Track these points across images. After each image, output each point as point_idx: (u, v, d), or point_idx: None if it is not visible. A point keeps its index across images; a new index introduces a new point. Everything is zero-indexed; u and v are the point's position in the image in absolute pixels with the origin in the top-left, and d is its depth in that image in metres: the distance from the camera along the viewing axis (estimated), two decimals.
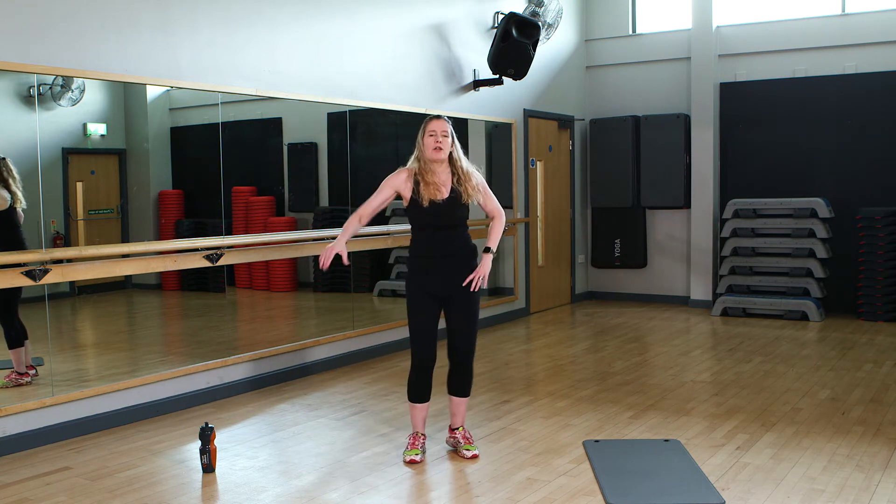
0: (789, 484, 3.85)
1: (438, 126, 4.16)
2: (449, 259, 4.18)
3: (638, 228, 9.95)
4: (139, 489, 3.89)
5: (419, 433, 4.35)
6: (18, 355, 4.98)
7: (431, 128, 4.17)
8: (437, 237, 4.18)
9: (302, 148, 7.42)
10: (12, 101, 5.07)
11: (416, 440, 4.32)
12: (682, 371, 6.28)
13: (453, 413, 4.38)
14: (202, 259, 5.40)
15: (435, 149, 4.13)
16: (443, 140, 4.14)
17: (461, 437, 4.35)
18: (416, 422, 4.36)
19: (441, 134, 4.14)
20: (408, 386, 4.34)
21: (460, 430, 4.37)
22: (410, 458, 4.22)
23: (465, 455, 4.26)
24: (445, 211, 4.14)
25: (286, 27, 6.08)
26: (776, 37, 9.10)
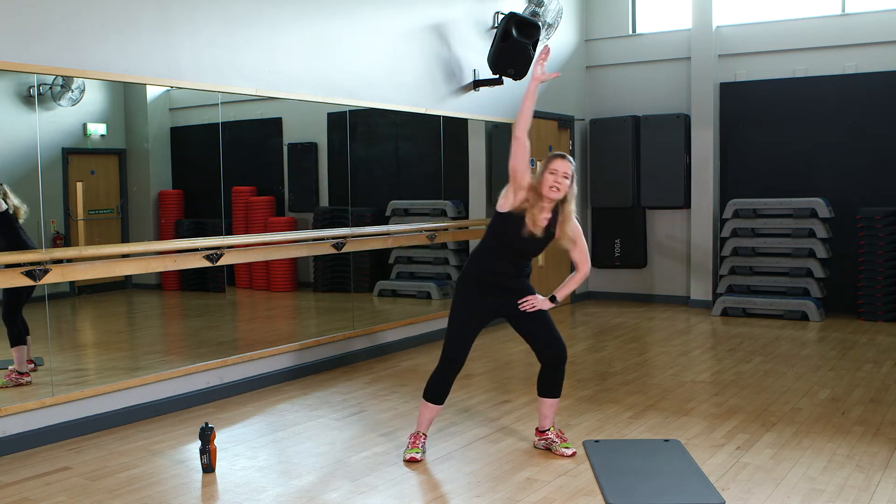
0: (789, 484, 3.85)
1: (561, 167, 4.12)
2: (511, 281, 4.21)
3: (638, 228, 9.95)
4: (139, 489, 3.89)
5: (421, 433, 4.35)
6: (21, 353, 4.99)
7: (554, 166, 4.12)
8: (510, 259, 4.19)
9: (302, 148, 7.42)
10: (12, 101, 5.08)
11: (417, 439, 4.32)
12: (682, 371, 6.28)
13: (545, 415, 4.38)
14: (202, 259, 5.40)
15: (552, 188, 4.09)
16: (562, 182, 4.10)
17: (554, 436, 4.36)
18: (422, 421, 4.35)
19: (562, 175, 4.11)
20: (428, 384, 4.31)
21: (552, 429, 4.38)
22: (411, 457, 4.22)
23: (565, 453, 4.27)
24: (531, 244, 4.14)
25: (286, 27, 6.08)
26: (776, 37, 9.10)
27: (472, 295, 4.22)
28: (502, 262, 4.19)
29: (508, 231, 4.13)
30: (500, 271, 4.19)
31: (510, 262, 4.19)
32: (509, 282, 4.21)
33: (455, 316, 4.24)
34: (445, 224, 7.86)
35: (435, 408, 4.32)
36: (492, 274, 4.20)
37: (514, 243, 4.14)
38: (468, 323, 4.21)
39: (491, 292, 4.21)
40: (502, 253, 4.18)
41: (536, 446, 4.42)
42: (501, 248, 4.18)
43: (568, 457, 4.26)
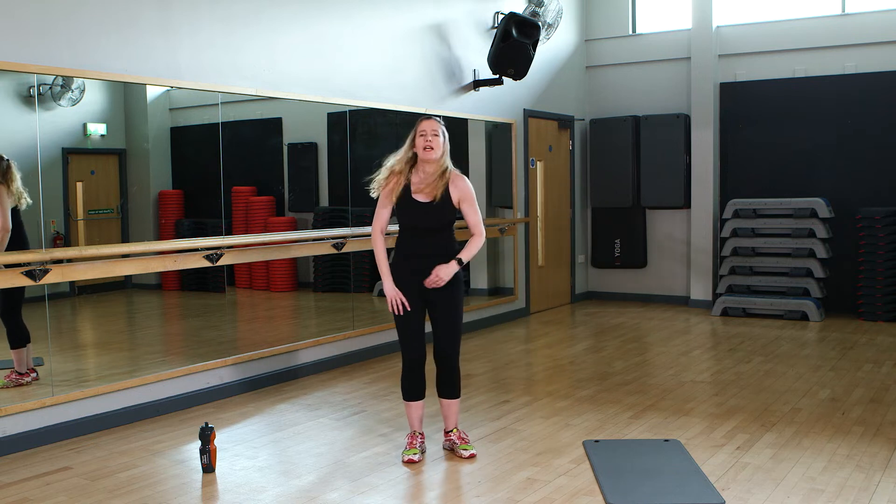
0: (789, 484, 3.85)
1: (429, 126, 4.15)
2: (431, 261, 4.16)
3: (638, 228, 9.95)
4: (139, 489, 3.89)
5: (416, 432, 4.35)
6: (20, 355, 4.99)
7: (422, 128, 4.16)
8: (421, 239, 4.19)
9: (302, 148, 7.42)
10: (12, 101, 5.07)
11: (413, 439, 4.33)
12: (682, 371, 6.28)
13: (445, 416, 4.38)
14: (202, 259, 5.40)
15: (425, 148, 4.12)
16: (433, 139, 4.12)
17: (456, 438, 4.35)
18: (412, 420, 4.36)
19: (431, 133, 4.13)
20: (401, 385, 4.34)
21: (454, 431, 4.37)
22: (409, 458, 4.23)
23: (463, 455, 4.26)
24: (428, 214, 4.15)
25: (286, 27, 6.08)
26: (776, 37, 9.10)
27: (398, 284, 4.20)
28: (414, 244, 4.19)
29: (403, 211, 4.17)
30: (416, 252, 4.19)
31: (421, 242, 4.18)
32: (428, 262, 4.16)
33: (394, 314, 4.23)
34: None
35: (417, 404, 4.33)
36: (407, 258, 4.20)
37: (412, 219, 4.17)
38: (407, 314, 4.19)
39: (414, 275, 4.18)
40: (409, 234, 4.21)
41: (443, 447, 4.42)
42: (405, 230, 4.22)
43: (466, 459, 4.24)
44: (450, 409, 4.35)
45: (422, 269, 4.17)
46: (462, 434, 4.37)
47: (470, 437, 4.53)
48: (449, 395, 4.32)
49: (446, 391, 4.32)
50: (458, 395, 4.35)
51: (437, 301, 4.21)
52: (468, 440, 4.37)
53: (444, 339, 4.24)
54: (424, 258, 4.17)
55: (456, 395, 4.33)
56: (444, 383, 4.31)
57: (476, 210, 4.28)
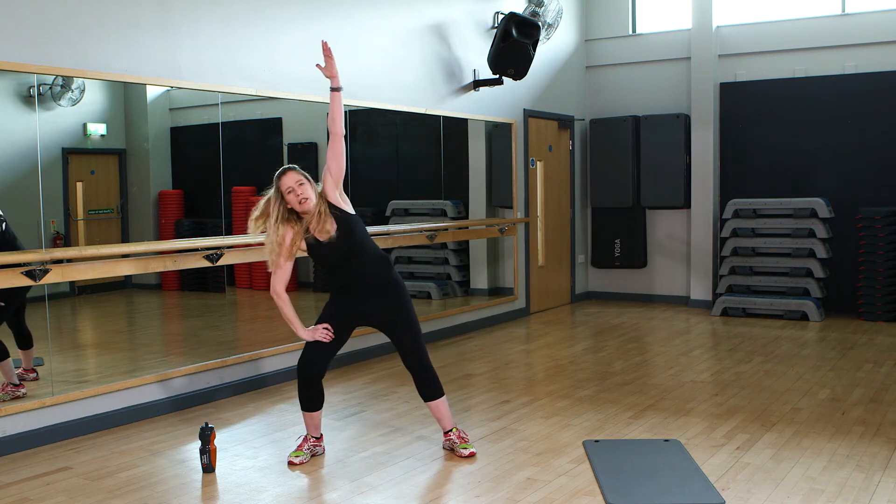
0: (789, 484, 3.85)
1: (291, 179, 4.03)
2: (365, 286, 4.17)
3: (638, 228, 9.95)
4: (139, 489, 3.89)
5: (310, 436, 4.33)
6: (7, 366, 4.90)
7: (286, 185, 4.02)
8: (345, 269, 4.16)
9: (302, 148, 7.42)
10: (12, 101, 5.07)
11: (305, 442, 4.31)
12: (682, 371, 6.28)
13: (438, 418, 4.37)
14: (202, 259, 5.40)
15: (301, 202, 4.02)
16: (301, 189, 4.02)
17: (456, 437, 4.34)
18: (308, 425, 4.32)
19: (297, 184, 4.02)
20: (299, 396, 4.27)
21: (454, 430, 4.36)
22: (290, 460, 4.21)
23: (463, 454, 4.26)
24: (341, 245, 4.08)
25: (286, 27, 6.09)
26: (776, 37, 9.10)
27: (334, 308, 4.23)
28: (344, 273, 4.17)
29: (319, 253, 4.14)
30: (346, 283, 4.19)
31: (348, 271, 4.16)
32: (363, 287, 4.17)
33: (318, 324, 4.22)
34: (445, 224, 7.86)
35: (315, 414, 4.29)
36: (346, 288, 4.21)
37: (324, 259, 4.16)
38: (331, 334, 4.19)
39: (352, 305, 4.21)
40: (338, 268, 4.18)
41: (444, 447, 4.41)
42: (332, 266, 4.19)
43: (466, 457, 4.24)
44: (438, 410, 4.33)
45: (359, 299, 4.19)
46: (461, 433, 4.37)
47: (470, 436, 4.52)
48: (431, 397, 4.29)
49: (427, 393, 4.29)
50: (440, 395, 4.31)
51: (386, 318, 4.23)
52: (468, 439, 4.37)
53: (407, 345, 4.23)
54: (359, 286, 4.17)
55: (438, 395, 4.30)
56: (422, 386, 4.29)
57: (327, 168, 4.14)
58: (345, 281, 4.20)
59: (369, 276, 4.17)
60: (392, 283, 4.22)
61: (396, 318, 4.22)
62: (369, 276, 4.17)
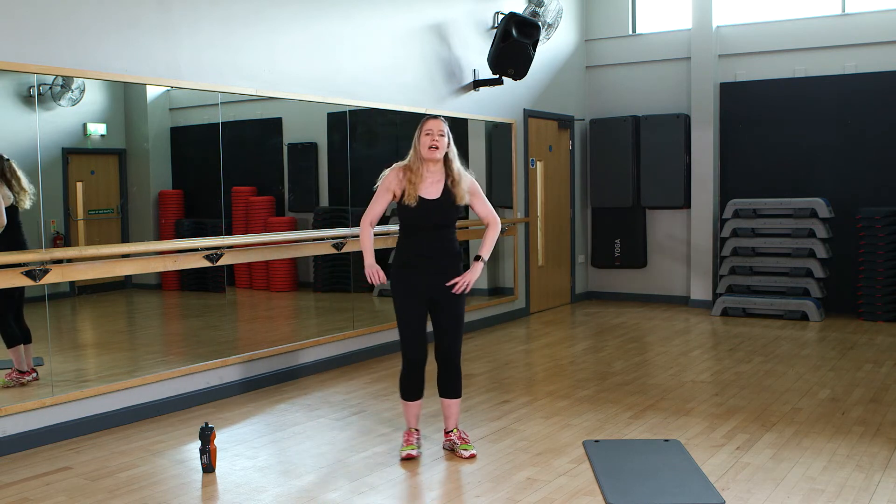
0: (789, 484, 3.85)
1: (435, 125, 4.16)
2: (434, 260, 4.18)
3: (638, 228, 9.95)
4: (139, 489, 3.89)
5: (413, 429, 4.35)
6: (18, 354, 4.98)
7: (428, 127, 4.17)
8: (424, 238, 4.18)
9: (302, 148, 7.42)
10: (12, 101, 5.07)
11: (410, 436, 4.33)
12: (682, 371, 6.28)
13: (446, 416, 4.38)
14: (202, 259, 5.40)
15: (430, 148, 4.13)
16: (439, 139, 4.14)
17: (456, 438, 4.34)
18: (409, 418, 4.37)
19: (437, 133, 4.14)
20: (399, 384, 4.34)
21: (455, 431, 4.37)
22: (407, 454, 4.23)
23: (463, 455, 4.26)
24: (434, 211, 4.15)
25: (286, 27, 6.09)
26: (776, 37, 9.10)
27: (402, 287, 4.22)
28: (416, 243, 4.19)
29: (405, 210, 4.17)
30: (419, 252, 4.18)
31: (427, 240, 4.17)
32: (433, 261, 4.18)
33: (398, 314, 4.24)
34: None
35: (416, 404, 4.33)
36: (415, 258, 4.19)
37: (415, 217, 4.16)
38: (406, 312, 4.20)
39: (418, 275, 4.19)
40: (411, 233, 4.20)
41: (443, 447, 4.41)
42: (407, 228, 4.21)
43: (466, 459, 4.24)
44: (451, 409, 4.35)
45: (426, 270, 4.17)
46: (462, 434, 4.37)
47: (470, 436, 4.52)
48: (450, 395, 4.33)
49: (448, 391, 4.32)
50: (459, 395, 4.35)
51: (441, 301, 4.21)
52: (468, 440, 4.37)
53: (446, 339, 4.25)
54: (428, 258, 4.18)
55: (457, 396, 4.34)
56: (445, 383, 4.31)
57: (485, 201, 4.30)
58: (421, 250, 4.18)
59: (443, 256, 4.19)
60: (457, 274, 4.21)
61: (451, 306, 4.21)
62: (443, 256, 4.19)
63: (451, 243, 4.24)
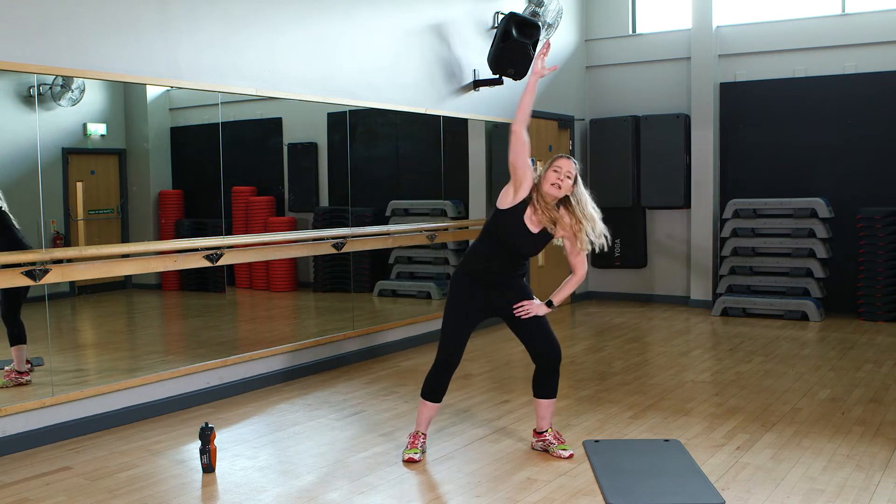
0: (789, 484, 3.85)
1: (565, 165, 4.15)
2: (503, 278, 4.20)
3: (638, 228, 9.94)
4: (139, 489, 3.89)
5: (420, 433, 4.35)
6: (20, 353, 4.98)
7: (558, 164, 4.16)
8: (504, 256, 4.17)
9: (302, 148, 7.42)
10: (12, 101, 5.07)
11: (416, 439, 4.32)
12: (682, 371, 6.28)
13: (541, 416, 4.37)
14: (202, 259, 5.40)
15: (553, 185, 4.10)
16: (564, 181, 4.11)
17: (552, 437, 4.34)
18: (421, 420, 4.35)
19: (565, 174, 4.12)
20: (425, 383, 4.31)
21: (549, 431, 4.36)
22: (409, 457, 4.22)
23: (562, 455, 4.25)
24: (528, 241, 4.13)
25: (286, 27, 6.08)
26: (776, 37, 9.09)
27: (466, 293, 4.21)
28: (497, 261, 4.17)
29: (507, 227, 4.13)
30: (494, 269, 4.18)
31: (506, 261, 4.17)
32: (504, 280, 4.20)
33: (450, 315, 4.23)
34: (445, 224, 7.86)
35: (433, 406, 4.31)
36: (486, 272, 4.19)
37: (511, 240, 4.13)
38: (463, 322, 4.20)
39: (485, 290, 4.19)
40: (498, 250, 4.16)
41: (534, 448, 4.41)
42: (498, 245, 4.16)
43: (565, 458, 4.25)
44: (547, 409, 4.35)
45: (493, 283, 4.19)
46: (557, 433, 4.38)
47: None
48: (549, 395, 4.33)
49: (547, 392, 4.32)
50: (555, 395, 4.36)
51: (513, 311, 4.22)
52: (564, 440, 4.38)
53: (544, 341, 4.25)
54: (498, 275, 4.19)
55: (555, 395, 4.36)
56: (545, 384, 4.32)
57: (583, 257, 4.23)
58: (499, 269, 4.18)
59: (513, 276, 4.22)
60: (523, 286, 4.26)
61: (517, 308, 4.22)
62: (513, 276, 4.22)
63: (521, 268, 4.27)
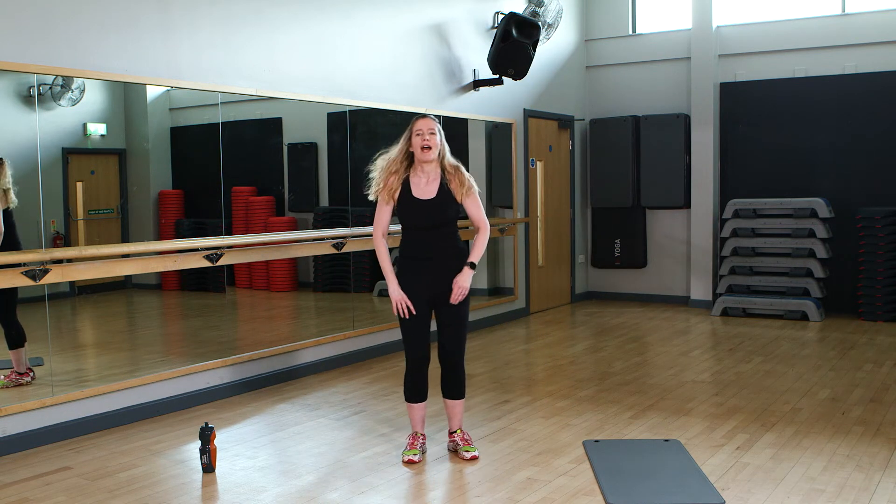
0: (789, 484, 3.85)
1: (425, 125, 4.12)
2: (437, 260, 4.16)
3: (638, 228, 9.95)
4: (139, 489, 3.89)
5: (418, 433, 4.35)
6: (19, 355, 4.98)
7: (418, 127, 4.12)
8: (425, 237, 4.16)
9: (302, 148, 7.42)
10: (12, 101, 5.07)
11: (415, 440, 4.32)
12: (682, 371, 6.28)
13: (450, 416, 4.37)
14: (202, 259, 5.40)
15: (423, 148, 4.10)
16: (430, 138, 4.10)
17: (460, 439, 4.34)
18: (414, 421, 4.36)
19: (428, 132, 4.10)
20: (404, 386, 4.33)
21: (458, 432, 4.36)
22: (409, 458, 4.22)
23: (465, 456, 4.26)
24: (432, 211, 4.13)
25: (286, 27, 6.09)
26: (776, 37, 9.10)
27: (404, 284, 4.17)
28: (418, 243, 4.17)
29: (404, 211, 4.15)
30: (420, 252, 4.17)
31: (425, 239, 4.15)
32: (434, 261, 4.15)
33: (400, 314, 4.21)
34: None
35: (420, 406, 4.32)
36: (412, 258, 4.19)
37: (414, 217, 4.14)
38: (413, 317, 4.16)
39: (420, 275, 4.16)
40: (413, 233, 4.18)
41: (448, 448, 4.41)
42: (408, 229, 4.19)
43: (468, 460, 4.23)
44: (454, 409, 4.34)
45: (428, 269, 4.16)
46: (465, 435, 4.37)
47: (471, 436, 4.52)
48: (453, 396, 4.31)
49: (451, 392, 4.31)
50: (462, 396, 4.34)
51: (444, 301, 4.18)
52: (471, 441, 4.37)
53: (450, 339, 4.23)
54: (429, 259, 4.16)
55: (460, 396, 4.33)
56: (449, 384, 4.30)
57: (478, 204, 4.25)
58: (423, 250, 4.17)
59: (446, 255, 4.16)
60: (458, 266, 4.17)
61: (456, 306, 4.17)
62: (446, 255, 4.16)
63: (453, 241, 4.21)
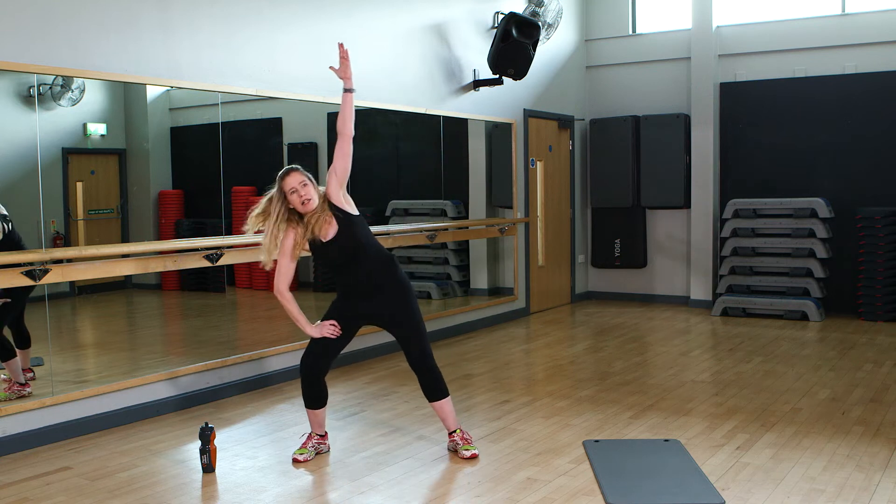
0: (789, 484, 3.85)
1: (295, 180, 4.05)
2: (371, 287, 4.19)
3: (638, 228, 9.95)
4: (139, 489, 3.89)
5: (314, 434, 4.35)
6: (14, 367, 4.91)
7: (289, 185, 4.04)
8: (353, 269, 4.17)
9: (302, 148, 7.42)
10: (12, 101, 5.07)
11: (309, 440, 4.33)
12: (682, 371, 6.28)
13: (442, 418, 4.36)
14: (202, 259, 5.40)
15: (303, 203, 4.04)
16: (304, 191, 4.04)
17: (459, 438, 4.34)
18: (311, 423, 4.35)
19: (301, 186, 4.04)
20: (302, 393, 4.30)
21: (458, 432, 4.36)
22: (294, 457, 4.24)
23: (464, 455, 4.25)
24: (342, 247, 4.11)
25: (286, 27, 6.09)
26: (776, 37, 9.10)
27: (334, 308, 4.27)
28: (349, 275, 4.19)
29: (320, 256, 4.19)
30: (355, 284, 4.20)
31: (355, 270, 4.17)
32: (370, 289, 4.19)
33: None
34: (445, 224, 7.86)
35: (316, 412, 4.30)
36: (351, 291, 4.23)
37: (332, 256, 4.15)
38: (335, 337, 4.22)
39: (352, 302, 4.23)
40: (339, 268, 4.20)
41: (448, 449, 4.41)
42: (336, 267, 4.22)
43: (467, 459, 4.23)
44: (443, 410, 4.32)
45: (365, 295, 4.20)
46: (465, 435, 4.37)
47: (471, 436, 4.52)
48: (437, 397, 4.30)
49: (433, 394, 4.30)
50: (445, 395, 4.31)
51: (391, 318, 4.23)
52: (471, 440, 4.37)
53: (412, 346, 4.24)
54: (364, 285, 4.18)
55: (444, 395, 4.30)
56: (427, 388, 4.29)
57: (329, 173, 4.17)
58: (349, 280, 4.21)
59: (373, 276, 4.18)
60: (396, 284, 4.22)
61: (402, 318, 4.23)
62: (373, 276, 4.18)
63: (378, 260, 4.20)
